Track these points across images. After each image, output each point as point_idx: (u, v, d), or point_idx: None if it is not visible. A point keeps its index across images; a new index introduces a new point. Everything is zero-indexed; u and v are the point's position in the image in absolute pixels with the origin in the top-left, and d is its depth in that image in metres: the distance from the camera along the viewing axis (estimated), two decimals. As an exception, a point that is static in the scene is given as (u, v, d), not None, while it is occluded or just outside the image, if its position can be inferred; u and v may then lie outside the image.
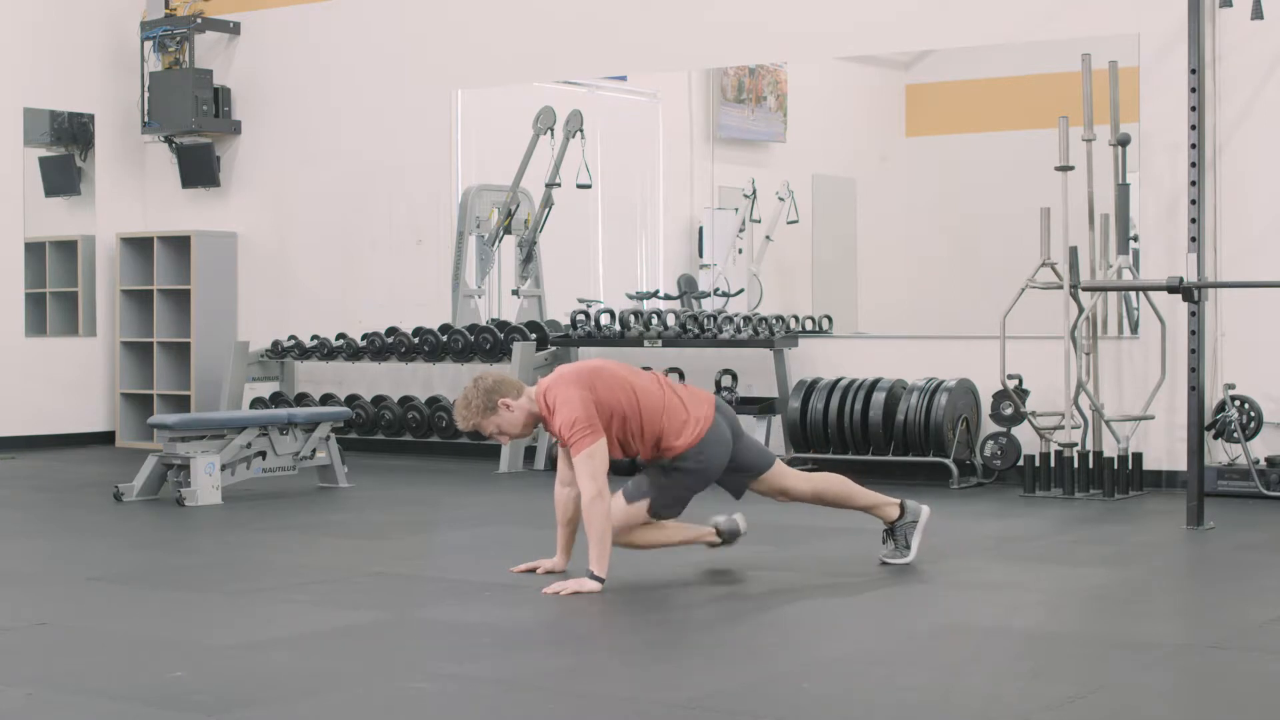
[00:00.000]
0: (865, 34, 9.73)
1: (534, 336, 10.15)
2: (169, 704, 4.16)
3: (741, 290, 10.73)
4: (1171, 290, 7.19)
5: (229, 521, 7.73)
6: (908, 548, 6.12)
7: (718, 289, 10.80)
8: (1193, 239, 7.97)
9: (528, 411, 5.75)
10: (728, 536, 6.21)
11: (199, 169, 11.95)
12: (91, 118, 11.98)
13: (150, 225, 12.18)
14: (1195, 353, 7.41)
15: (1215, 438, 8.28)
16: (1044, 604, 5.65)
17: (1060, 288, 8.39)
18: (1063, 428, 8.35)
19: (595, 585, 5.55)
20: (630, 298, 10.60)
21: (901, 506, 6.14)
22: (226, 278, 11.89)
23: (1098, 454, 8.36)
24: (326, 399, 11.03)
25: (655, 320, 9.77)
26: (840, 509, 6.23)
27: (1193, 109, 8.09)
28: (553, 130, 10.58)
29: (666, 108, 11.27)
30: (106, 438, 11.97)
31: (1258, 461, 8.21)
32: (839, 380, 9.12)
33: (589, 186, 10.63)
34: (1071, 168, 8.45)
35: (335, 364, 11.12)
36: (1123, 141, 8.50)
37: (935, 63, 10.42)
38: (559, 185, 10.60)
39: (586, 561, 5.62)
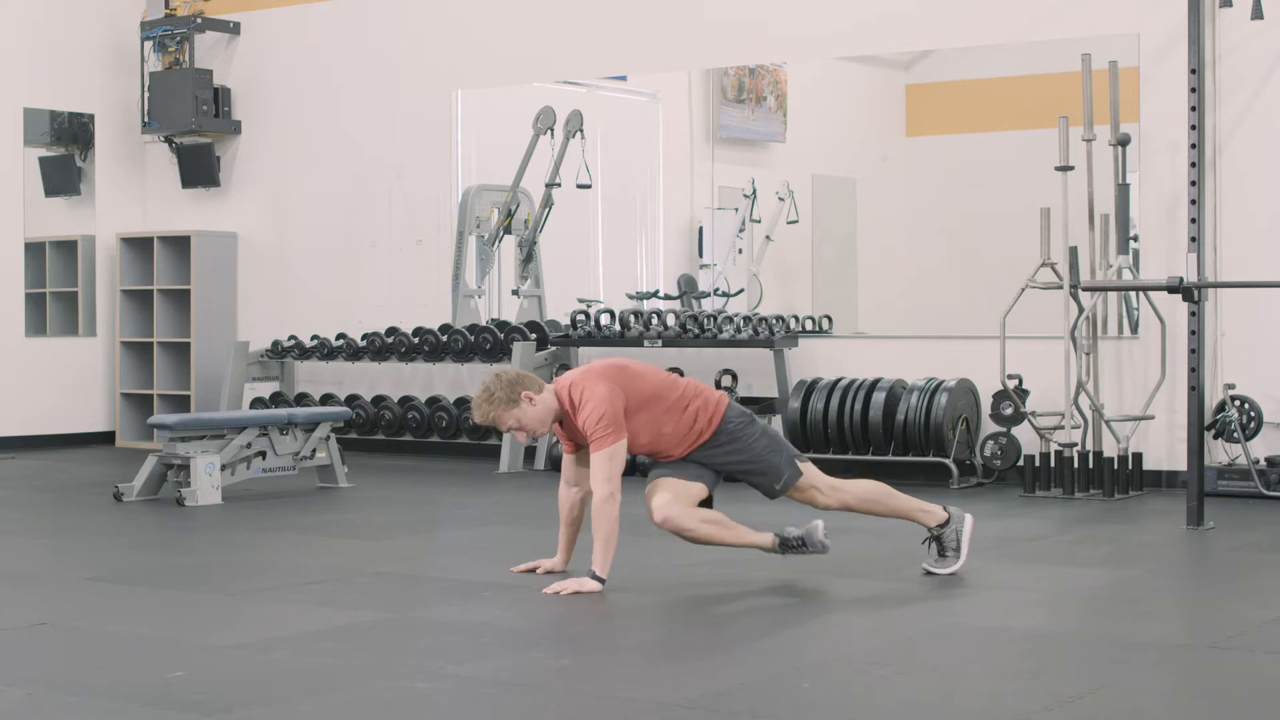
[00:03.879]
0: (865, 34, 9.73)
1: (534, 336, 10.15)
2: (169, 704, 4.16)
3: (741, 290, 10.73)
4: (1171, 290, 7.19)
5: (229, 521, 7.73)
6: (958, 551, 5.90)
7: (718, 289, 10.80)
8: (1193, 239, 7.97)
9: (549, 407, 5.71)
10: (794, 543, 5.87)
11: (199, 169, 11.95)
12: (91, 118, 11.98)
13: (150, 225, 12.18)
14: (1195, 353, 7.40)
15: (1215, 438, 8.28)
16: (1044, 604, 5.65)
17: (1060, 288, 8.39)
18: (1063, 428, 8.36)
19: (596, 585, 5.54)
20: (630, 298, 10.60)
21: (946, 509, 5.95)
22: (226, 278, 11.89)
23: (1098, 454, 8.37)
24: (326, 399, 11.03)
25: (655, 320, 9.77)
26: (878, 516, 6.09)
27: (1193, 109, 8.09)
28: (553, 130, 10.58)
29: (666, 108, 11.27)
30: (106, 438, 11.96)
31: (1258, 461, 8.21)
32: (839, 380, 9.12)
33: (589, 186, 10.63)
34: (1071, 168, 8.46)
35: (335, 364, 11.12)
36: (1123, 141, 8.50)
37: (935, 63, 10.42)
38: (559, 185, 10.60)
39: (587, 562, 5.62)
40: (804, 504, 5.96)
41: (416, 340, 10.61)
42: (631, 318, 9.76)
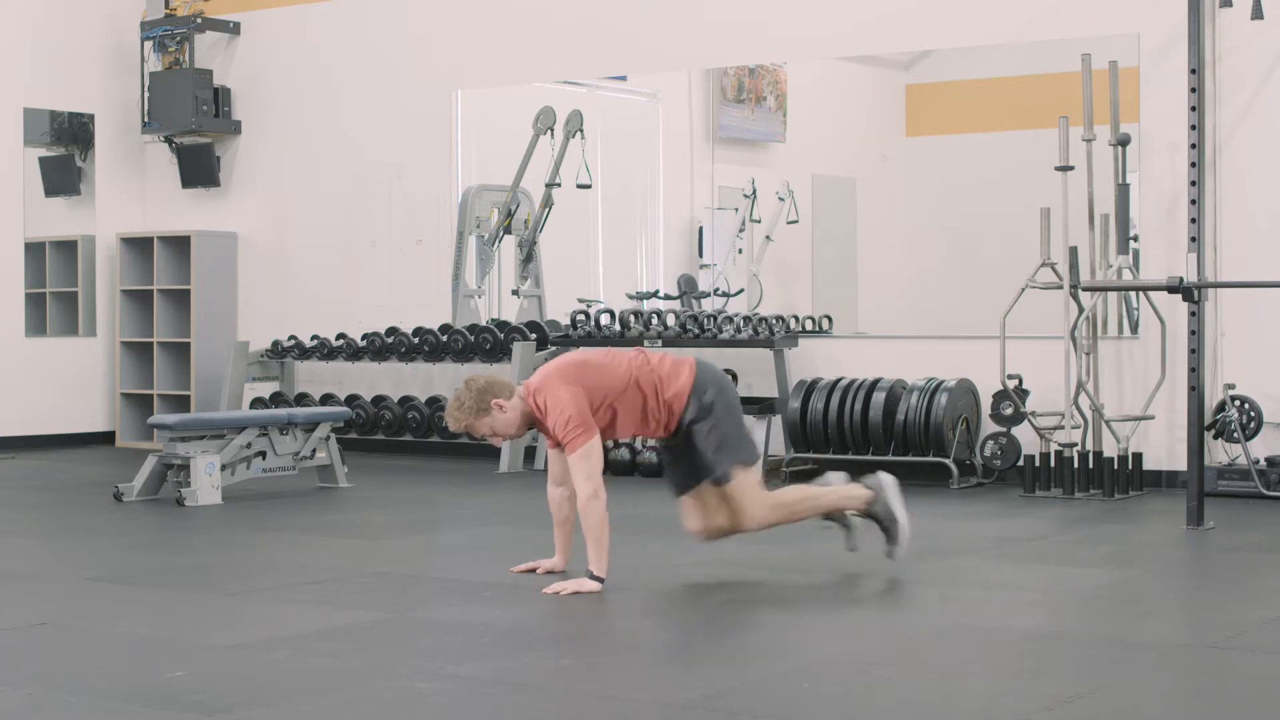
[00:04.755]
0: (865, 34, 9.73)
1: (534, 336, 10.15)
2: (169, 704, 4.16)
3: (741, 290, 10.73)
4: (1171, 290, 7.19)
5: (229, 521, 7.73)
6: (894, 520, 5.93)
7: (718, 289, 10.80)
8: (1193, 239, 7.97)
9: (521, 412, 5.73)
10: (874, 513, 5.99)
11: (199, 169, 11.95)
12: (91, 118, 11.98)
13: (150, 225, 12.18)
14: (1195, 353, 7.40)
15: (1215, 438, 8.28)
16: (1044, 604, 5.65)
17: (1060, 288, 8.39)
18: (1063, 428, 8.35)
19: (595, 585, 5.55)
20: (630, 298, 10.60)
21: (867, 489, 5.97)
22: (226, 278, 11.89)
23: (1098, 454, 8.36)
24: (326, 399, 11.03)
25: (655, 320, 9.77)
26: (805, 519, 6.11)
27: (1193, 109, 8.09)
28: (553, 130, 10.58)
29: (666, 108, 11.27)
30: (106, 438, 11.97)
31: (1258, 461, 8.21)
32: (839, 380, 9.12)
33: (589, 186, 10.62)
34: (1071, 168, 8.46)
35: (335, 364, 11.12)
36: (1123, 141, 8.50)
37: (935, 63, 10.42)
38: (559, 185, 10.60)
39: (586, 561, 5.62)
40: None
41: (416, 340, 10.61)
42: (631, 318, 9.76)
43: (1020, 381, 8.59)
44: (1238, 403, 8.23)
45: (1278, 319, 8.37)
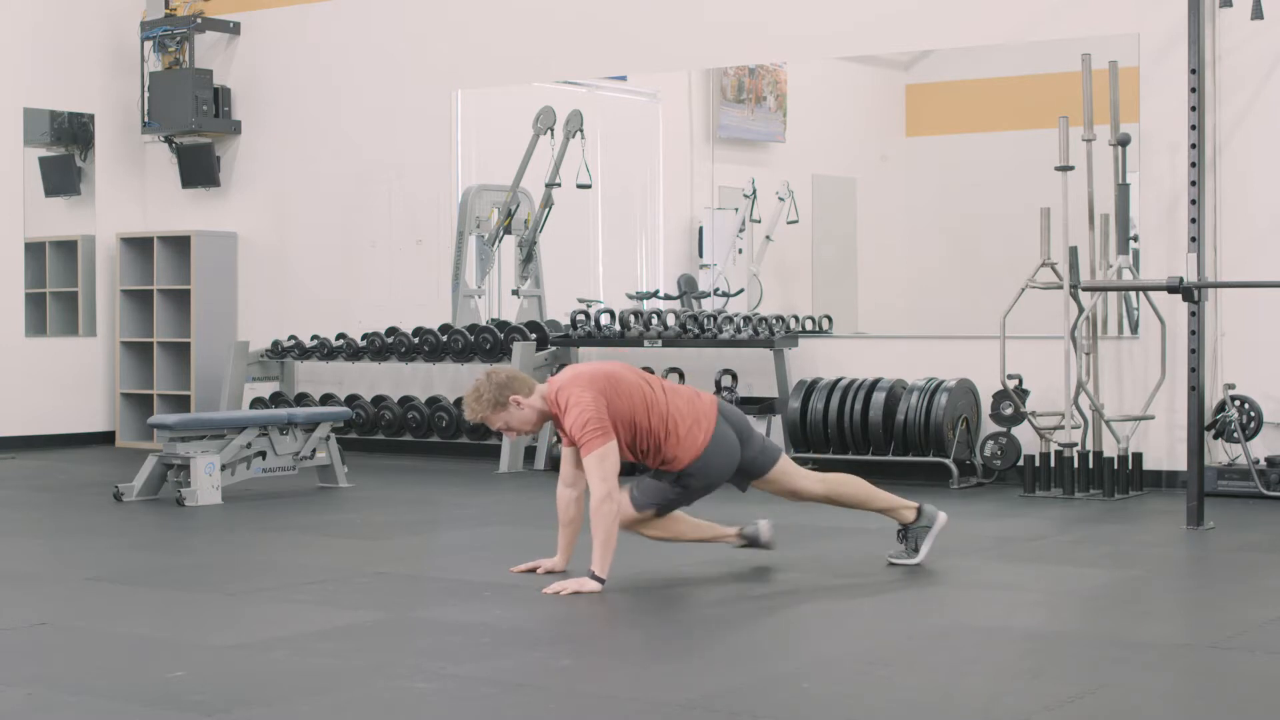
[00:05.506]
0: (865, 34, 9.73)
1: (534, 336, 10.15)
2: (169, 704, 4.16)
3: (741, 290, 10.73)
4: (1171, 290, 7.19)
5: (229, 521, 7.73)
6: (917, 550, 6.08)
7: (718, 289, 10.80)
8: (1193, 239, 7.97)
9: (538, 410, 5.74)
10: (749, 540, 6.21)
11: (199, 169, 11.96)
12: (91, 118, 11.98)
13: (150, 225, 12.18)
14: (1195, 353, 7.40)
15: (1215, 438, 8.28)
16: (1044, 604, 5.65)
17: (1060, 288, 8.39)
18: (1063, 428, 8.36)
19: (596, 585, 5.55)
20: (630, 298, 10.60)
21: (919, 510, 6.09)
22: (226, 278, 11.90)
23: (1098, 454, 8.37)
24: (326, 399, 11.03)
25: (655, 320, 9.77)
26: (854, 510, 6.21)
27: (1193, 109, 8.09)
28: (553, 130, 10.58)
29: (666, 108, 11.27)
30: (106, 438, 11.97)
31: (1258, 461, 8.21)
32: (839, 380, 9.12)
33: (589, 186, 10.62)
34: (1071, 168, 8.46)
35: (335, 364, 11.12)
36: (1123, 141, 8.50)
37: (935, 63, 10.42)
38: (559, 185, 10.60)
39: (587, 561, 5.62)
40: (779, 496, 6.13)
41: (416, 340, 10.61)
42: (631, 318, 9.76)
43: (1020, 381, 8.60)
44: (1238, 403, 8.23)
45: (1278, 319, 8.37)
